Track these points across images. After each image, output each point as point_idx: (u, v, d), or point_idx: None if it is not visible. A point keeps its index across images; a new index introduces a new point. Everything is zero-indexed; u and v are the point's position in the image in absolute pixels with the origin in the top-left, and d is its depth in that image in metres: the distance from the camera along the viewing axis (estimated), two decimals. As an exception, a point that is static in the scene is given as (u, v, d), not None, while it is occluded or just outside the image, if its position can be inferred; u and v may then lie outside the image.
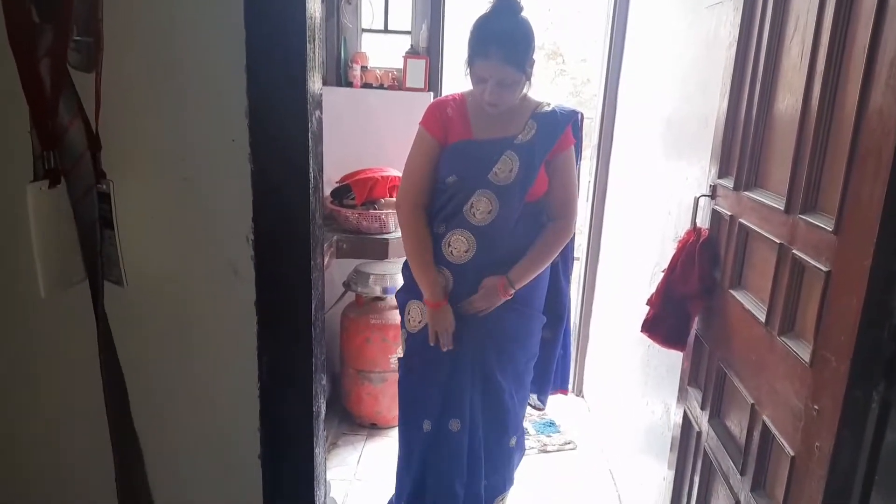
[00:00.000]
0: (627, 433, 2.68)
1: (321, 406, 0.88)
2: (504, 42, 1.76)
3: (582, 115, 2.03)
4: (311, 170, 0.78)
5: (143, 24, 0.77)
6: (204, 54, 0.77)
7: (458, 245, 1.91)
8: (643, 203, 2.59)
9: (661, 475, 2.15)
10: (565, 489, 2.78)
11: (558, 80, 7.67)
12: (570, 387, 2.38)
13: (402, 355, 2.16)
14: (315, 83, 0.78)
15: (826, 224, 1.04)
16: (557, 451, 3.09)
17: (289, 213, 0.79)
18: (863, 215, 0.94)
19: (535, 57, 1.84)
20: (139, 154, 0.81)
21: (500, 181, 1.85)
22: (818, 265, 1.06)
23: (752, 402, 1.29)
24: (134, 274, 0.83)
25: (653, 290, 2.33)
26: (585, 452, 3.07)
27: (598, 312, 3.42)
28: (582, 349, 3.54)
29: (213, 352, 0.87)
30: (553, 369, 2.25)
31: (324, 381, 0.88)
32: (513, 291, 1.94)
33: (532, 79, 1.87)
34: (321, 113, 0.80)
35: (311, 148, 0.78)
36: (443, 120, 1.93)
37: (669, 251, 2.20)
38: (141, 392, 0.88)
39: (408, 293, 2.07)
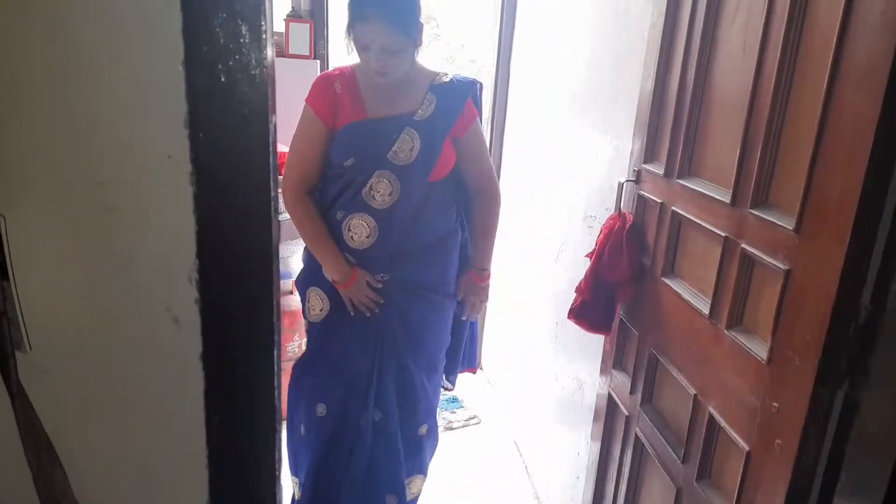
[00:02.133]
0: (534, 407, 2.71)
1: (280, 472, 0.75)
2: (384, 2, 1.62)
3: (481, 84, 1.95)
4: (271, 189, 0.62)
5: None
6: (124, 45, 0.58)
7: (359, 230, 1.79)
8: (546, 179, 2.57)
9: (574, 449, 2.19)
10: (472, 464, 2.78)
11: (433, 44, 7.57)
12: (477, 364, 2.35)
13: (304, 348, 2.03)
14: (271, 70, 0.61)
15: (784, 221, 1.03)
16: (462, 426, 3.09)
17: (244, 244, 0.63)
18: (832, 217, 0.93)
19: (422, 21, 1.71)
20: (40, 178, 0.60)
21: (401, 161, 1.74)
22: (775, 263, 1.05)
23: (694, 392, 1.30)
24: (40, 334, 0.64)
25: (561, 268, 2.35)
26: (490, 427, 3.09)
27: (495, 286, 3.41)
28: (480, 321, 3.54)
29: (149, 419, 0.70)
30: (462, 349, 2.20)
31: (283, 442, 0.74)
32: (488, 274, 2.00)
33: (421, 46, 1.75)
34: (276, 117, 0.64)
35: (271, 162, 0.62)
36: (331, 99, 1.76)
37: (578, 230, 2.20)
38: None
39: (307, 280, 1.94)
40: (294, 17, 2.99)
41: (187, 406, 0.68)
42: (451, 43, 7.67)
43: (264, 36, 0.58)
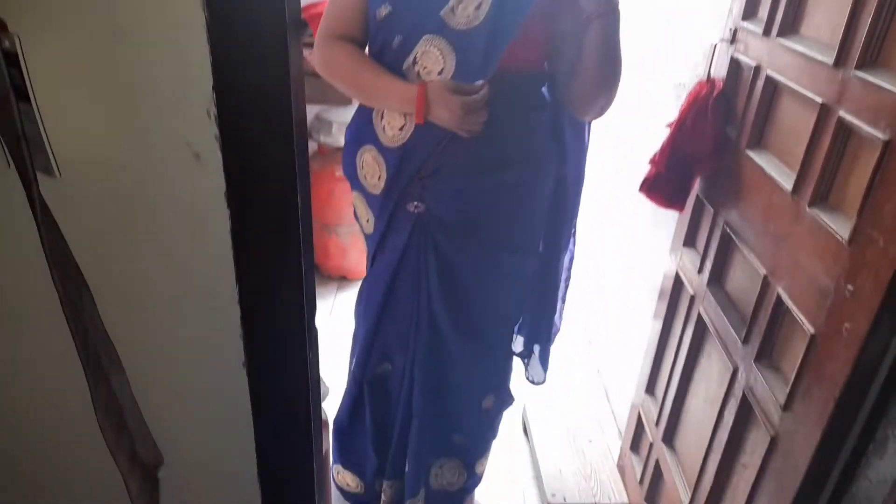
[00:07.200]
0: (603, 297, 2.68)
1: (314, 313, 0.76)
2: None
3: None
4: (285, 13, 0.58)
5: None
6: None
7: (392, 119, 1.34)
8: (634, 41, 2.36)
9: (637, 332, 2.17)
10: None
11: None
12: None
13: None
14: None
15: (892, 84, 0.89)
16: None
17: (263, 72, 0.60)
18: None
19: None
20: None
21: (460, 24, 1.21)
22: (874, 132, 0.92)
23: (764, 272, 1.22)
24: (65, 160, 0.65)
25: (647, 142, 2.20)
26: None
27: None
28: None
29: (177, 253, 0.72)
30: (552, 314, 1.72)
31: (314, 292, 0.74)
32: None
33: None
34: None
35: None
36: None
37: (669, 101, 2.03)
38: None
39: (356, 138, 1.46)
40: None
41: (213, 244, 0.68)
42: None
43: None
